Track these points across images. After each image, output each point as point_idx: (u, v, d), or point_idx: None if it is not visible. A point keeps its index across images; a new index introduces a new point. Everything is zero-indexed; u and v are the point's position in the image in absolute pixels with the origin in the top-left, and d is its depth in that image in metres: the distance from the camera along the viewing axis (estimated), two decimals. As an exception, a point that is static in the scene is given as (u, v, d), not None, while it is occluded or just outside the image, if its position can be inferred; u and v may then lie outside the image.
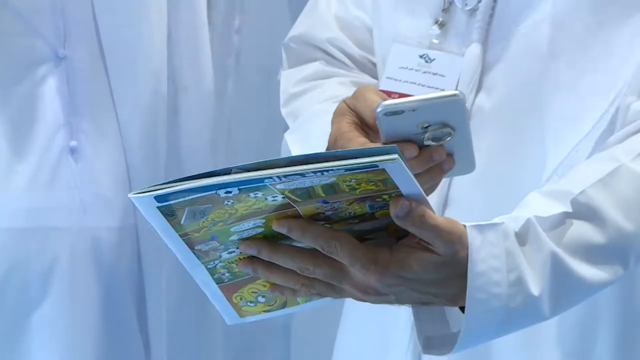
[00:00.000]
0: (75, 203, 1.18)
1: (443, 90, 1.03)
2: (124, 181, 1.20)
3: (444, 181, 1.00)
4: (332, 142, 0.95)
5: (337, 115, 0.96)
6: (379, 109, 0.87)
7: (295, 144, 1.08)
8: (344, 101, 0.97)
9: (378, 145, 0.90)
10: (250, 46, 1.76)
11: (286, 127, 1.17)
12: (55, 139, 1.18)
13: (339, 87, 1.11)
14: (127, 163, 1.21)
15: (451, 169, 0.91)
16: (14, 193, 1.15)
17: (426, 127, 0.88)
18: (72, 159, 1.18)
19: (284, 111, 1.15)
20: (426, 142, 0.89)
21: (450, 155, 0.90)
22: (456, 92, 0.91)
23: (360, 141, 0.92)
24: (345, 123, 0.94)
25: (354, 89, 1.02)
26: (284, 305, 0.92)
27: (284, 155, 1.10)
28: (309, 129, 1.07)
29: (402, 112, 0.87)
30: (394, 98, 1.01)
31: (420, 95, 0.93)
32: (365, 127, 0.94)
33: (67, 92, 1.19)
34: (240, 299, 0.91)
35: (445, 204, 1.04)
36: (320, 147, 0.98)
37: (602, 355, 1.06)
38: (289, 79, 1.17)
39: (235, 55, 2.06)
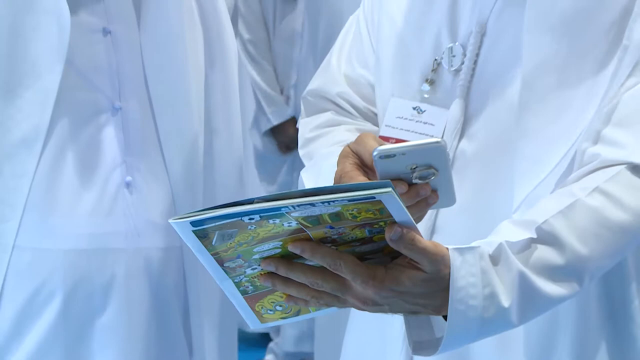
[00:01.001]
0: (130, 228, 1.20)
1: (431, 137, 1.07)
2: (170, 209, 1.23)
3: (432, 212, 1.04)
4: (338, 179, 0.99)
5: (342, 157, 1.00)
6: (375, 153, 0.91)
7: (309, 180, 1.11)
8: (348, 145, 1.01)
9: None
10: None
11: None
12: (113, 175, 1.19)
13: (346, 134, 1.14)
14: (172, 194, 1.23)
15: (435, 203, 0.95)
16: (80, 220, 1.17)
17: (414, 168, 0.92)
18: (128, 191, 1.20)
19: (301, 152, 1.19)
20: (414, 181, 0.92)
21: (434, 191, 0.94)
22: (439, 139, 0.95)
23: (360, 179, 0.96)
24: (348, 164, 0.99)
25: (364, 133, 1.05)
26: (297, 313, 0.95)
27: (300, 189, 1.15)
28: (319, 168, 1.11)
29: (394, 155, 0.91)
30: (391, 143, 1.06)
31: (410, 141, 0.98)
32: (365, 167, 0.98)
33: (123, 137, 1.21)
34: (262, 307, 0.94)
35: (432, 231, 1.07)
36: (328, 184, 1.01)
37: (562, 356, 1.07)
38: (305, 126, 1.21)
39: (293, 107, 2.14)
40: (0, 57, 1.14)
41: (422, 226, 0.97)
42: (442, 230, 1.07)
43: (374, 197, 0.82)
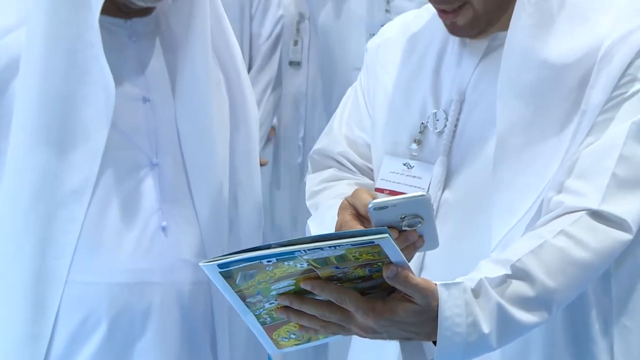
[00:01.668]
0: (165, 265, 1.21)
1: (419, 189, 1.11)
2: (200, 249, 1.23)
3: (420, 253, 1.04)
4: (338, 227, 1.03)
5: (341, 209, 1.04)
6: (370, 205, 0.95)
7: (314, 227, 1.15)
8: (346, 199, 1.05)
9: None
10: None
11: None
12: (151, 220, 1.20)
13: (346, 187, 1.17)
14: (202, 237, 1.24)
15: (422, 246, 0.98)
16: (122, 258, 1.18)
17: (403, 217, 0.95)
18: (163, 234, 1.21)
19: (308, 203, 1.23)
20: (404, 228, 0.96)
21: (420, 236, 0.97)
22: (424, 193, 1.00)
23: (357, 228, 0.99)
24: (347, 215, 1.03)
25: (359, 188, 1.08)
26: (309, 340, 0.99)
27: (307, 235, 1.14)
28: (323, 218, 1.14)
29: (386, 207, 0.95)
30: (385, 194, 1.11)
31: (400, 195, 1.01)
32: (361, 217, 1.01)
33: (159, 188, 1.22)
34: (278, 335, 0.98)
35: (421, 268, 1.10)
36: (331, 231, 1.04)
37: None
38: (312, 181, 1.25)
39: (302, 157, 2.16)
40: (55, 121, 1.14)
41: (412, 264, 0.98)
42: (429, 267, 1.10)
43: (374, 242, 0.86)
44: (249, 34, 2.43)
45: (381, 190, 1.15)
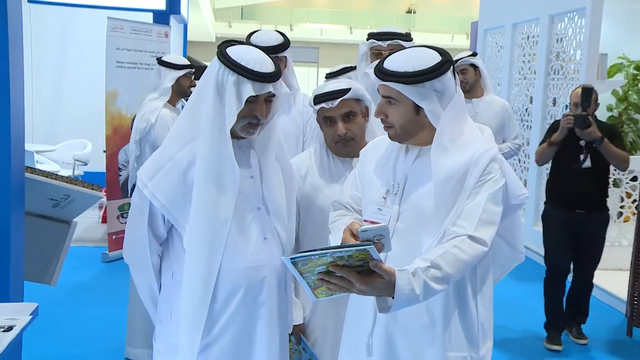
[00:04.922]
0: (268, 257, 1.56)
1: (383, 223, 1.37)
2: (280, 249, 1.59)
3: (384, 253, 1.30)
4: (343, 242, 1.27)
5: (344, 232, 1.29)
6: (359, 230, 1.21)
7: (333, 241, 1.41)
8: (347, 226, 1.30)
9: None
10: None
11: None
12: (260, 235, 1.54)
13: (348, 219, 1.42)
14: (281, 244, 1.59)
15: (383, 250, 1.24)
16: (248, 254, 1.51)
17: (375, 236, 1.22)
18: (265, 241, 1.56)
19: (329, 227, 1.49)
20: (375, 241, 1.21)
21: (382, 245, 1.22)
22: (385, 224, 1.28)
23: (354, 242, 1.21)
24: (347, 235, 1.28)
25: (354, 221, 1.34)
26: (331, 295, 1.25)
27: (330, 244, 1.40)
28: (335, 236, 1.40)
29: (367, 231, 1.21)
30: (368, 223, 1.39)
31: (374, 225, 1.27)
32: (354, 236, 1.27)
33: (261, 220, 1.56)
34: (317, 292, 1.24)
35: (385, 259, 1.34)
36: (340, 243, 1.26)
37: (436, 312, 1.35)
38: (331, 215, 1.53)
39: None
40: (214, 182, 1.46)
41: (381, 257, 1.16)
42: (389, 259, 1.37)
43: (366, 249, 1.12)
44: (302, 150, 2.55)
45: (367, 221, 1.42)
